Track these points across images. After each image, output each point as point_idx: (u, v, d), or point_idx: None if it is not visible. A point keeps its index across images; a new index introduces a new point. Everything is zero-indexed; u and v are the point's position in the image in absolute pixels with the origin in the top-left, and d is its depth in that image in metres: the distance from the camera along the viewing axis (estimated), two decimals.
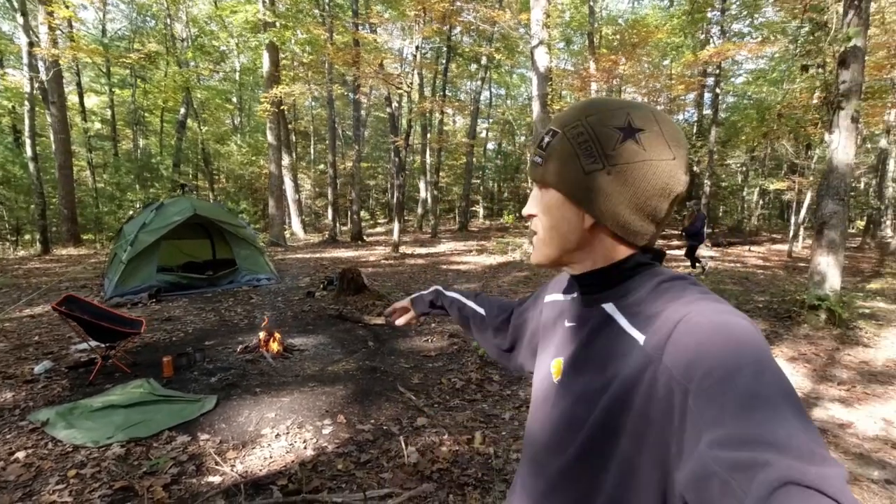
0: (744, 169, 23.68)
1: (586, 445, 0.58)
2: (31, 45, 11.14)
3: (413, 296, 1.29)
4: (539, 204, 0.68)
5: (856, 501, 0.36)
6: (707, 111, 21.51)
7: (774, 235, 21.44)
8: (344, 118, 25.95)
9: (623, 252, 0.65)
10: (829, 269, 5.59)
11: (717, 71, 16.75)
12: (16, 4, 11.24)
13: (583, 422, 0.59)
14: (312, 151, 28.41)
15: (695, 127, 22.25)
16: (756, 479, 0.37)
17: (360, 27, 13.88)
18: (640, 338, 0.57)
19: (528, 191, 22.34)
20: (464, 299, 1.15)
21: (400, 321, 1.30)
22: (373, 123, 29.09)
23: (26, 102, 11.47)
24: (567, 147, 0.63)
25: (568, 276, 0.77)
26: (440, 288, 1.25)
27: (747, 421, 0.41)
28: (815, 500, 0.35)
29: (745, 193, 24.20)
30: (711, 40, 17.34)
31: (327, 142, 18.98)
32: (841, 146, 5.43)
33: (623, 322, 0.61)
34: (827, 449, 0.40)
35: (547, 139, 0.66)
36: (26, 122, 11.44)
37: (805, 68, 6.77)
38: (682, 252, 14.80)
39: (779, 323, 5.92)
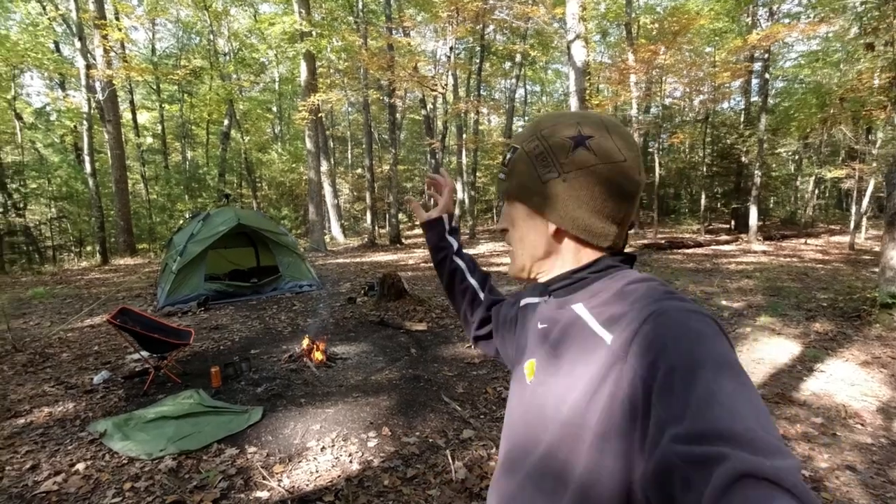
0: (796, 157, 22.36)
1: (555, 443, 0.59)
2: (88, 67, 11.80)
3: (434, 217, 1.12)
4: (508, 218, 0.74)
5: (809, 492, 0.38)
6: (754, 98, 20.43)
7: (832, 227, 20.13)
8: (380, 122, 26.22)
9: (591, 255, 0.68)
10: None
11: (766, 55, 15.82)
12: (74, 29, 11.96)
13: (553, 420, 0.61)
14: (350, 156, 28.90)
15: (742, 115, 21.18)
16: (714, 473, 0.39)
17: (393, 31, 13.96)
18: (607, 337, 0.58)
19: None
20: (469, 276, 1.07)
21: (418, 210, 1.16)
22: (408, 126, 29.29)
23: (84, 122, 12.16)
24: (525, 161, 0.68)
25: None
26: (454, 249, 1.10)
27: (706, 417, 0.43)
28: (770, 490, 0.37)
29: (798, 183, 22.83)
30: (758, 23, 16.42)
31: (364, 146, 19.22)
32: None
33: (592, 322, 0.62)
34: (783, 442, 0.41)
35: (508, 156, 0.71)
36: (85, 140, 12.12)
37: (870, 47, 6.24)
38: (729, 247, 14.16)
39: (846, 323, 5.49)
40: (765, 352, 4.71)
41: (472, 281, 1.06)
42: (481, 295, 1.04)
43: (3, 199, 16.20)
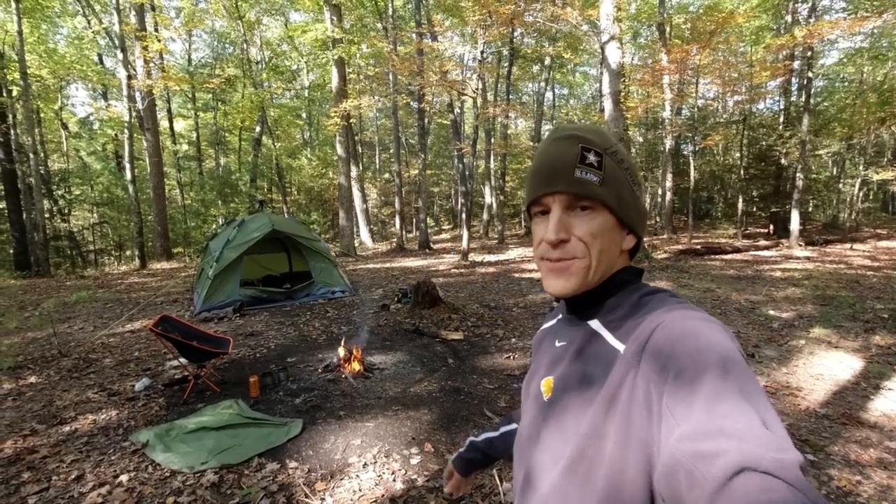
0: (837, 159, 21.36)
1: (576, 456, 0.58)
2: (129, 77, 12.21)
3: (452, 458, 1.12)
4: (584, 226, 0.66)
5: (809, 486, 0.38)
6: (794, 98, 19.64)
7: (879, 231, 19.13)
8: (407, 127, 26.30)
9: (616, 268, 0.68)
10: None
11: (809, 53, 15.16)
12: (116, 42, 12.38)
13: (572, 434, 0.60)
14: (377, 161, 29.12)
15: (781, 116, 20.39)
16: (716, 466, 0.40)
17: (423, 37, 13.97)
18: (620, 347, 0.59)
19: None
20: (498, 433, 1.04)
21: (454, 490, 1.12)
22: (434, 130, 29.31)
23: (125, 130, 12.56)
24: (618, 170, 0.66)
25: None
26: (472, 438, 1.10)
27: (711, 415, 0.44)
28: (769, 483, 0.37)
29: (840, 185, 21.80)
30: (799, 20, 15.79)
31: (391, 151, 19.29)
32: None
33: (607, 335, 0.63)
34: (787, 439, 0.42)
35: (595, 158, 0.65)
36: (126, 148, 12.53)
37: None
38: (769, 252, 13.56)
39: None
40: (824, 367, 4.42)
41: (507, 428, 1.03)
42: (516, 425, 1.00)
43: (49, 205, 16.90)
